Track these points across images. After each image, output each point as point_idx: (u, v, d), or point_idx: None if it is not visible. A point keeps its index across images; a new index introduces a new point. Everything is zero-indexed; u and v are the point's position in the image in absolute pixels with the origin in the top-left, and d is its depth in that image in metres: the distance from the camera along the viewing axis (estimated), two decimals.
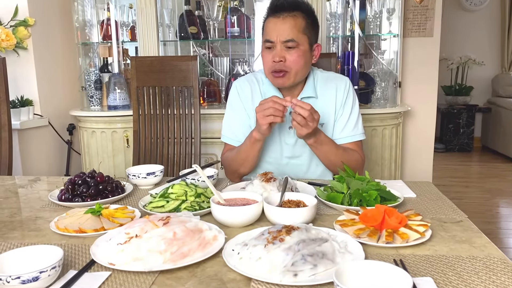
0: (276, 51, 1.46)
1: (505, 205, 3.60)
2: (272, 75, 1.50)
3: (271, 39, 1.46)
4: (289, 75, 1.48)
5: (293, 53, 1.46)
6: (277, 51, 1.46)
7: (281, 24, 1.45)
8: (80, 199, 1.24)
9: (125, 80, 2.61)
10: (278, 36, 1.45)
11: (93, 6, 2.77)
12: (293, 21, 1.45)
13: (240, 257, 0.85)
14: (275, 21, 1.46)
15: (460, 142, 5.46)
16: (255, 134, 1.43)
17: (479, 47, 5.61)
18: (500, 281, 0.79)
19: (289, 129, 1.56)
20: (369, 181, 1.22)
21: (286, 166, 1.59)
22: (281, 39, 1.45)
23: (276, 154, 1.58)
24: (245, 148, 1.48)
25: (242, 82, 1.64)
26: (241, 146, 1.52)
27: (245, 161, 1.50)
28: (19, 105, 2.44)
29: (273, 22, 1.46)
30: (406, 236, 0.94)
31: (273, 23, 1.46)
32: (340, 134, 1.57)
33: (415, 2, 2.71)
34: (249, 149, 1.47)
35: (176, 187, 1.18)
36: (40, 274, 0.74)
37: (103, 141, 2.56)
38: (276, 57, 1.45)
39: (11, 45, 2.40)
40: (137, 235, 0.88)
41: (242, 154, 1.50)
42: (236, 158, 1.52)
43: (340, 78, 1.61)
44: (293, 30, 1.45)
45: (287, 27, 1.44)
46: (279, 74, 1.48)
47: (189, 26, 2.60)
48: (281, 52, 1.46)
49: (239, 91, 1.62)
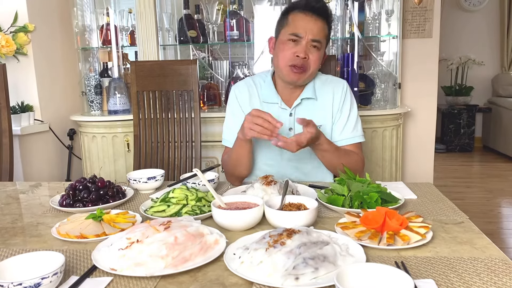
0: (301, 46, 1.47)
1: (507, 205, 3.60)
2: (290, 69, 1.50)
3: (300, 33, 1.47)
4: (307, 73, 1.51)
5: (315, 53, 1.49)
6: (303, 47, 1.47)
7: (313, 23, 1.47)
8: (81, 205, 1.24)
9: (125, 84, 2.61)
10: (308, 32, 1.47)
11: (93, 11, 2.78)
12: (322, 25, 1.49)
13: (242, 261, 0.85)
14: (307, 19, 1.48)
15: (461, 143, 5.45)
16: (240, 135, 1.43)
17: (478, 47, 5.61)
18: (501, 282, 0.79)
19: (289, 130, 1.57)
20: (369, 183, 1.22)
21: (286, 169, 1.59)
22: (310, 36, 1.47)
23: (276, 157, 1.59)
24: (235, 148, 1.49)
25: (240, 86, 1.65)
26: (232, 148, 1.53)
27: (238, 161, 1.51)
28: (19, 110, 2.44)
29: (305, 19, 1.48)
30: (407, 238, 0.94)
31: (304, 19, 1.48)
32: (339, 136, 1.57)
33: (413, 3, 2.71)
34: (238, 149, 1.48)
35: (177, 191, 1.18)
36: (42, 280, 0.74)
37: (104, 145, 2.56)
38: (301, 52, 1.47)
39: (11, 51, 2.41)
40: (139, 240, 0.88)
41: (234, 155, 1.51)
42: (230, 159, 1.53)
43: (338, 81, 1.63)
44: (321, 33, 1.49)
45: (318, 28, 1.48)
46: (299, 70, 1.49)
47: (188, 30, 2.61)
48: (307, 48, 1.48)
49: (237, 95, 1.63)
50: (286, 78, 1.53)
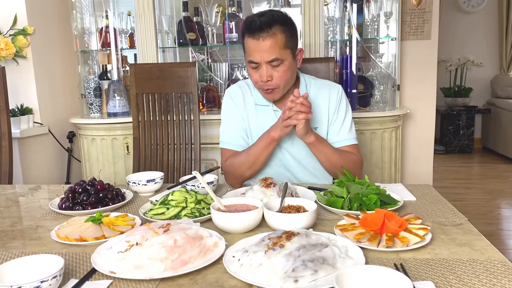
0: (262, 71, 1.45)
1: (506, 206, 3.60)
2: (262, 91, 1.53)
3: (255, 60, 1.44)
4: (278, 90, 1.51)
5: (279, 69, 1.46)
6: (263, 71, 1.45)
7: (263, 45, 1.41)
8: (81, 207, 1.24)
9: (124, 87, 2.61)
10: (262, 57, 1.43)
11: (92, 14, 2.78)
12: (273, 41, 1.41)
13: (241, 263, 0.85)
14: (256, 42, 1.42)
15: (460, 144, 5.46)
16: (274, 134, 1.44)
17: (477, 49, 5.61)
18: (500, 284, 0.79)
19: None
20: (368, 185, 1.22)
21: (285, 169, 1.60)
22: (265, 59, 1.43)
23: (273, 158, 1.59)
24: (257, 150, 1.49)
25: (234, 89, 1.66)
26: (251, 148, 1.52)
27: (255, 163, 1.51)
28: (19, 113, 2.44)
29: (254, 44, 1.43)
30: (407, 240, 0.94)
31: (253, 44, 1.43)
32: (336, 137, 1.58)
33: (412, 5, 2.72)
34: (262, 150, 1.48)
35: (176, 194, 1.18)
36: (41, 283, 0.74)
37: (103, 148, 2.56)
38: (263, 77, 1.46)
39: (10, 54, 2.41)
40: (138, 243, 0.88)
41: (252, 157, 1.50)
42: (245, 161, 1.51)
43: (332, 85, 1.64)
44: (275, 49, 1.42)
45: (269, 48, 1.41)
46: (268, 91, 1.50)
47: (187, 32, 2.61)
48: (267, 71, 1.45)
49: (232, 97, 1.64)
50: (265, 98, 1.57)
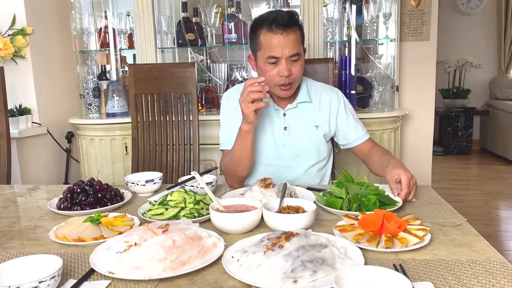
0: (282, 66, 1.47)
1: (505, 207, 3.60)
2: (279, 87, 1.52)
3: (277, 55, 1.46)
4: (295, 84, 1.54)
5: (297, 65, 1.50)
6: (284, 66, 1.47)
7: (285, 40, 1.44)
8: (79, 208, 1.24)
9: (123, 87, 2.61)
10: (284, 52, 1.45)
11: (91, 14, 2.78)
12: (294, 36, 1.46)
13: (240, 264, 0.85)
14: (278, 37, 1.45)
15: (458, 145, 5.46)
16: (243, 127, 1.45)
17: (476, 50, 5.62)
18: (500, 284, 0.79)
19: (284, 129, 1.60)
20: (367, 185, 1.22)
21: (283, 168, 1.61)
22: (287, 54, 1.45)
23: (273, 156, 1.60)
24: (237, 145, 1.51)
25: (232, 92, 1.68)
26: (233, 146, 1.54)
27: (240, 159, 1.51)
28: (17, 113, 2.44)
29: (276, 38, 1.45)
30: (406, 241, 0.94)
31: (276, 39, 1.45)
32: (355, 135, 1.63)
33: (411, 6, 2.73)
34: (241, 145, 1.49)
35: (175, 194, 1.18)
36: (39, 284, 0.74)
37: (102, 148, 2.56)
38: (284, 71, 1.47)
39: (9, 54, 2.41)
40: (137, 243, 0.88)
41: (236, 153, 1.52)
42: (232, 159, 1.54)
43: (332, 89, 1.68)
44: (296, 44, 1.47)
45: (291, 43, 1.45)
46: (286, 86, 1.51)
47: (186, 33, 2.61)
48: (287, 66, 1.47)
49: (230, 99, 1.65)
50: (277, 94, 1.57)
